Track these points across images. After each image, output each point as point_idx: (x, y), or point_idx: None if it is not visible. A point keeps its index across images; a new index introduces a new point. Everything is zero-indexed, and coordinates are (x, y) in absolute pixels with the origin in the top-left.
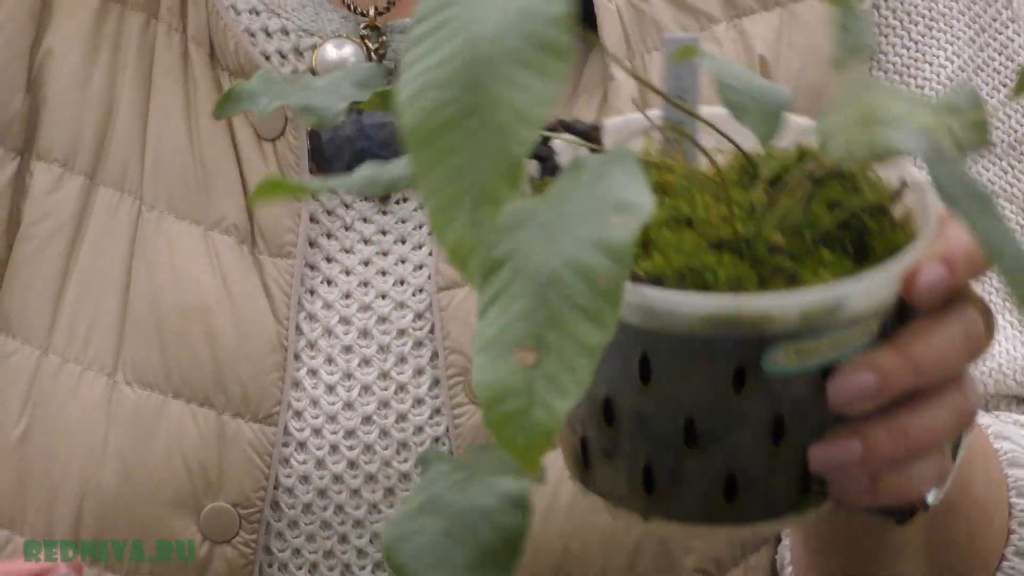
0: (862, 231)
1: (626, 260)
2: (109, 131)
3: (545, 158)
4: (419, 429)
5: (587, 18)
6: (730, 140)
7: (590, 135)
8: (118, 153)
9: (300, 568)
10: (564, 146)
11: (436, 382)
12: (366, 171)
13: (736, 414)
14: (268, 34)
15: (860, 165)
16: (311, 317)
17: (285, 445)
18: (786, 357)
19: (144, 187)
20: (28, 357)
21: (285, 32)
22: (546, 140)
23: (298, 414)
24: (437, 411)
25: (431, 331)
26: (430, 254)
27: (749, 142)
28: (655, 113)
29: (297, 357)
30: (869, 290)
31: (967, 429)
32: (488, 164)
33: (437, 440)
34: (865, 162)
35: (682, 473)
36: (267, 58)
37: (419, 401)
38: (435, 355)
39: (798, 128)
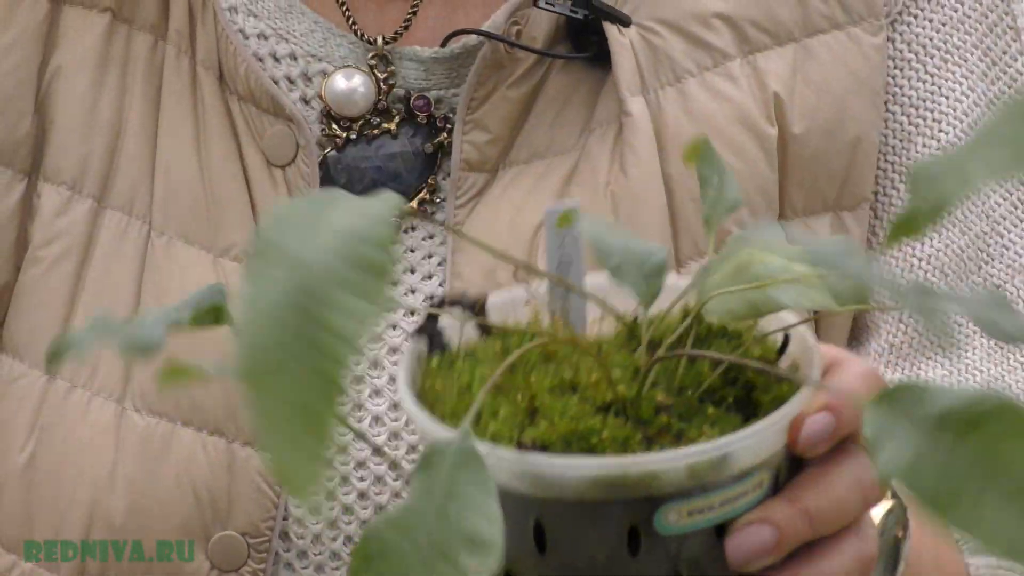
0: (748, 386)
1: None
2: (117, 154)
3: (432, 335)
4: None
5: (601, 53)
6: (605, 308)
7: (475, 309)
8: (127, 176)
9: None
10: (452, 322)
11: None
12: None
13: None
14: (276, 59)
15: (744, 326)
16: None
17: None
18: (678, 516)
19: (153, 212)
20: (36, 381)
21: (294, 57)
22: (433, 317)
23: None
24: None
25: None
26: (440, 284)
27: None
28: (538, 286)
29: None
30: (754, 443)
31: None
32: (312, 389)
33: None
34: (745, 319)
35: None
36: (276, 83)
37: None
38: None
39: (677, 288)
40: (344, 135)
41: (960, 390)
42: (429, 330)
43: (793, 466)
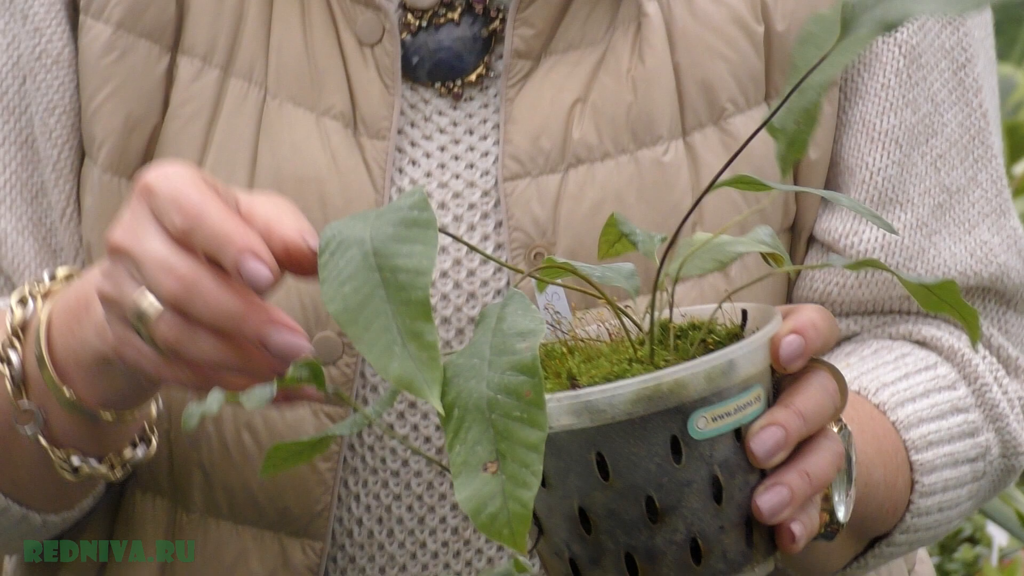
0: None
1: (538, 372)
2: (240, 33)
3: None
4: (484, 283)
5: None
6: (610, 301)
7: None
8: (247, 50)
9: (387, 390)
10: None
11: (499, 246)
12: None
13: (682, 482)
14: None
15: (706, 321)
16: (400, 190)
17: None
18: (706, 423)
19: (268, 80)
20: None
21: None
22: None
23: None
24: (499, 269)
25: (495, 205)
26: (495, 143)
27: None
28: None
29: None
30: (750, 353)
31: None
32: (403, 312)
33: (499, 292)
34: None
35: (656, 550)
36: None
37: (485, 261)
38: (499, 224)
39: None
40: (417, 23)
41: None
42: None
43: (775, 390)
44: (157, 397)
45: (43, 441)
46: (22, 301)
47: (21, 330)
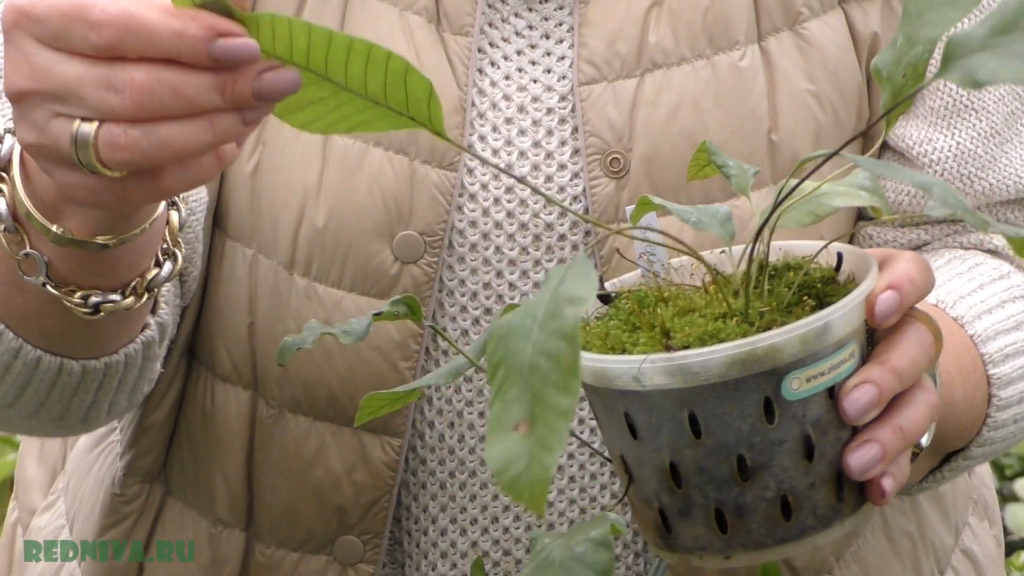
0: (819, 295)
1: (576, 340)
2: None
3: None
4: (561, 188)
5: None
6: (694, 254)
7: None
8: None
9: (463, 295)
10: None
11: (576, 151)
12: None
13: (774, 441)
14: None
15: (802, 260)
16: (481, 92)
17: (460, 195)
18: (799, 384)
19: None
20: None
21: None
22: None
23: (470, 171)
24: (576, 175)
25: (572, 111)
26: (570, 47)
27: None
28: (634, 274)
29: (470, 123)
30: (846, 314)
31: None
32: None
33: (575, 198)
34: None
35: (745, 506)
36: None
37: (562, 166)
38: (575, 130)
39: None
40: None
41: None
42: (601, 294)
43: (868, 343)
44: (178, 204)
45: (52, 289)
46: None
47: (4, 172)
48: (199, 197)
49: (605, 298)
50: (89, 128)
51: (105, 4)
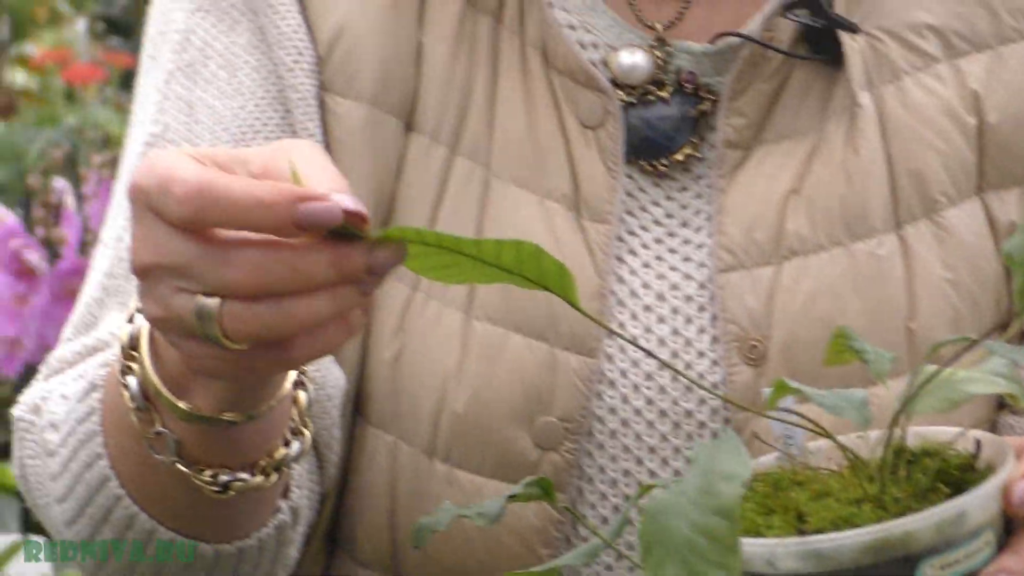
0: (957, 483)
1: (735, 517)
2: (466, 113)
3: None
4: (700, 376)
5: (835, 55)
6: (835, 440)
7: None
8: (473, 131)
9: (603, 483)
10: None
11: (715, 339)
12: None
13: None
14: (582, 46)
15: (940, 445)
16: (619, 279)
17: (599, 382)
18: (933, 571)
19: (492, 160)
20: (401, 293)
21: (595, 46)
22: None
23: (609, 358)
24: (715, 362)
25: (711, 298)
26: (708, 235)
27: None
28: (770, 456)
29: (609, 311)
30: (982, 502)
31: None
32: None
33: (714, 385)
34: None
35: None
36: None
37: (701, 354)
38: (715, 318)
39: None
40: (627, 100)
41: None
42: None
43: (1006, 531)
44: (305, 383)
45: (181, 466)
46: (130, 320)
47: (133, 350)
48: (336, 382)
49: None
50: (212, 303)
51: (186, 175)
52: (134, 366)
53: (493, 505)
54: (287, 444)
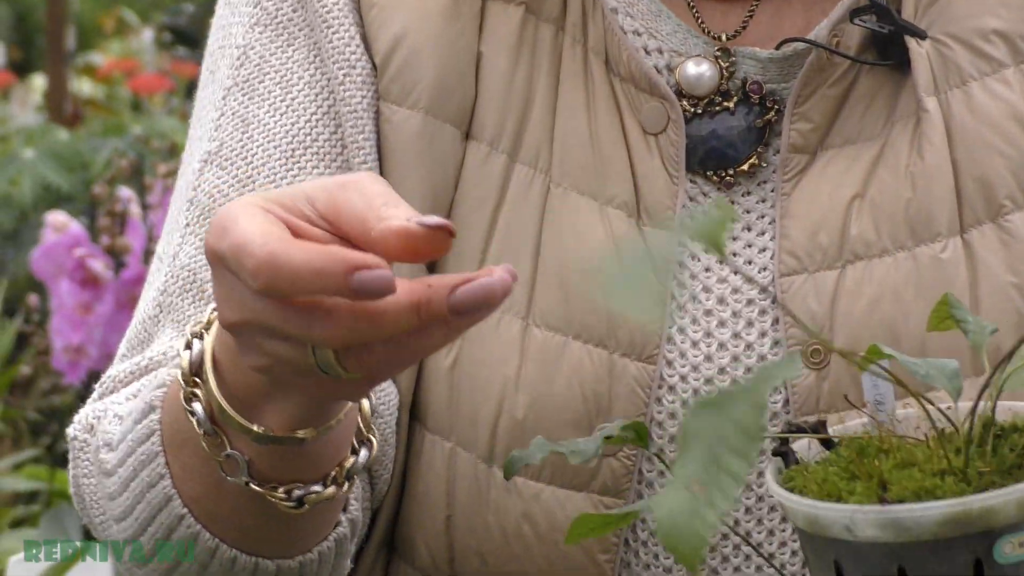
0: None
1: (763, 407)
2: (526, 120)
3: (786, 454)
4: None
5: (901, 61)
6: (921, 400)
7: (817, 430)
8: (532, 138)
9: (662, 487)
10: (803, 443)
11: (776, 343)
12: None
13: None
14: (647, 52)
15: None
16: (680, 284)
17: (659, 387)
18: (1012, 548)
19: (552, 167)
20: None
21: (660, 52)
22: (785, 442)
23: (669, 363)
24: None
25: (772, 302)
26: (772, 238)
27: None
28: (858, 422)
29: (670, 315)
30: None
31: None
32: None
33: (776, 389)
34: None
35: None
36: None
37: (762, 357)
38: (776, 321)
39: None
40: (692, 110)
41: None
42: (783, 451)
43: None
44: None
45: (255, 486)
46: (187, 346)
47: (196, 376)
48: (388, 400)
49: (827, 443)
50: (326, 353)
51: (254, 248)
52: (199, 392)
53: (589, 444)
54: (355, 452)
